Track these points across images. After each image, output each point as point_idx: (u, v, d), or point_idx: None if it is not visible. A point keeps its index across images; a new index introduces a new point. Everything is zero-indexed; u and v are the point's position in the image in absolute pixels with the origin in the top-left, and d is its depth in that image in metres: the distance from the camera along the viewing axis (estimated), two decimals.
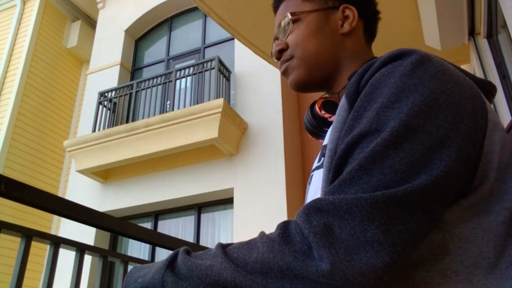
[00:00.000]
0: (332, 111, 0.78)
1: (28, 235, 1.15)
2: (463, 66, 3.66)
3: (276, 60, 0.81)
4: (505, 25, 2.02)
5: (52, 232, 6.73)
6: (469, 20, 2.44)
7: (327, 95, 0.81)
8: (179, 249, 0.57)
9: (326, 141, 0.70)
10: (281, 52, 0.78)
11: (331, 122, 0.74)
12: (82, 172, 6.00)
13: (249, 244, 0.52)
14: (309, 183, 0.72)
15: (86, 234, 5.15)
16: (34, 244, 1.16)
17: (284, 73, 0.79)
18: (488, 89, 0.66)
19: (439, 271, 0.50)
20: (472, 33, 2.55)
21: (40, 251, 5.76)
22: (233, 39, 5.30)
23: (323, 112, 0.79)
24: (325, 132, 0.76)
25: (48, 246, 1.25)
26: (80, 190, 6.30)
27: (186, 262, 0.53)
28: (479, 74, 2.52)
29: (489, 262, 0.51)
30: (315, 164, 0.71)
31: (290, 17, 0.77)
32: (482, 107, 0.56)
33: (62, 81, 8.00)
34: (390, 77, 0.54)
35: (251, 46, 2.91)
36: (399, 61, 0.56)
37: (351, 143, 0.53)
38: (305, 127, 0.84)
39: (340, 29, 0.76)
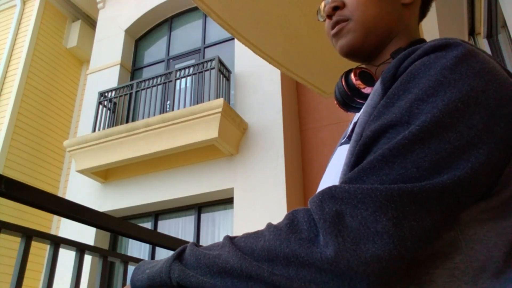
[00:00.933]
0: (368, 83, 0.74)
1: (28, 235, 1.15)
2: None
3: (323, 19, 0.76)
4: (505, 25, 2.02)
5: (52, 232, 6.73)
6: (469, 20, 2.44)
7: (363, 66, 0.77)
8: (187, 244, 0.58)
9: (356, 117, 0.69)
10: (335, 9, 0.73)
11: (364, 94, 0.72)
12: (82, 172, 6.00)
13: (256, 233, 0.52)
14: (332, 157, 0.71)
15: (86, 234, 5.15)
16: (34, 244, 1.16)
17: (336, 35, 0.73)
18: None
19: (448, 270, 0.49)
20: (472, 33, 2.55)
21: (40, 251, 5.76)
22: (233, 39, 5.30)
23: (358, 82, 0.74)
24: (357, 103, 0.73)
25: (48, 246, 1.25)
26: (80, 190, 6.30)
27: (194, 252, 0.54)
28: None
29: (497, 267, 0.50)
30: (341, 140, 0.70)
31: None
32: None
33: (62, 81, 8.00)
34: (430, 68, 0.52)
35: (251, 46, 2.91)
36: (443, 52, 0.53)
37: (378, 131, 0.51)
38: (335, 98, 0.78)
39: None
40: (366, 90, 0.73)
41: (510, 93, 0.53)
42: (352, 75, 0.74)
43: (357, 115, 0.69)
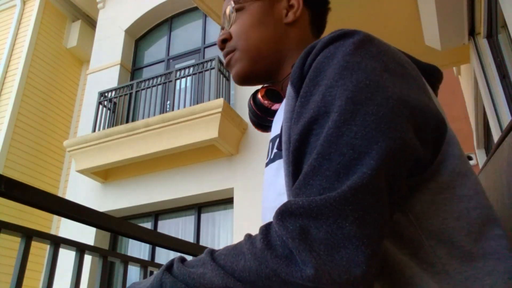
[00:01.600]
0: (275, 100, 0.75)
1: (28, 235, 1.15)
2: (463, 66, 3.66)
3: (221, 51, 0.78)
4: (505, 25, 2.02)
5: (52, 232, 6.73)
6: (469, 20, 2.44)
7: (268, 85, 0.78)
8: (174, 258, 0.58)
9: (273, 133, 0.69)
10: (224, 42, 0.76)
11: (274, 112, 0.73)
12: (82, 172, 6.00)
13: (236, 249, 0.51)
14: (264, 181, 0.70)
15: (86, 234, 5.15)
16: (34, 244, 1.16)
17: (228, 65, 0.76)
18: (433, 74, 0.66)
19: (416, 265, 0.50)
20: (472, 33, 2.55)
21: (40, 251, 5.76)
22: None
23: (266, 101, 0.75)
24: (270, 122, 0.74)
25: (48, 246, 1.24)
26: (80, 190, 6.30)
27: (181, 270, 0.54)
28: (479, 74, 2.52)
29: (463, 251, 0.50)
30: (266, 160, 0.69)
31: (233, 5, 0.74)
32: (424, 88, 0.56)
33: (62, 81, 8.00)
34: (333, 58, 0.53)
35: None
36: (341, 41, 0.54)
37: (304, 131, 0.51)
38: (250, 119, 0.80)
39: (284, 18, 0.73)
40: (275, 107, 0.74)
41: (410, 72, 0.55)
42: (259, 96, 0.76)
43: (273, 131, 0.68)
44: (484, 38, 2.38)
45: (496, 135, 2.47)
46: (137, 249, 5.98)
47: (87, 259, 1.40)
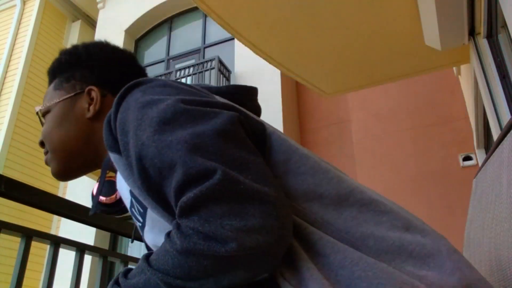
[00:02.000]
0: (111, 190, 0.78)
1: (28, 235, 1.14)
2: (463, 66, 3.66)
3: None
4: (505, 25, 2.02)
5: (52, 232, 6.73)
6: (469, 20, 2.44)
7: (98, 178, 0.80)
8: (120, 272, 0.61)
9: (129, 205, 0.70)
10: (42, 145, 0.79)
11: (120, 196, 0.76)
12: None
13: (162, 250, 0.53)
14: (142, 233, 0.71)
15: (86, 234, 5.15)
16: (34, 244, 1.16)
17: (48, 165, 0.78)
18: (242, 93, 0.71)
19: (307, 228, 0.54)
20: (472, 33, 2.55)
21: (40, 251, 5.76)
22: (233, 39, 5.29)
23: (106, 199, 0.79)
24: (122, 203, 0.77)
25: (48, 246, 1.24)
26: (80, 190, 6.30)
27: (125, 284, 0.56)
28: (479, 74, 2.52)
29: (332, 198, 0.56)
30: (141, 231, 0.70)
31: (40, 108, 0.78)
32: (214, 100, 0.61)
33: None
34: (128, 111, 0.58)
35: (251, 46, 2.91)
36: (129, 94, 0.61)
37: (140, 172, 0.55)
38: (108, 213, 0.84)
39: (86, 113, 0.75)
40: (118, 194, 0.77)
41: (197, 92, 0.62)
42: (99, 200, 0.80)
43: (127, 203, 0.70)
44: (484, 38, 2.38)
45: (496, 135, 2.47)
46: (137, 249, 5.98)
47: (87, 259, 1.40)
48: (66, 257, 2.29)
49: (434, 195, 4.01)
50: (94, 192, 0.78)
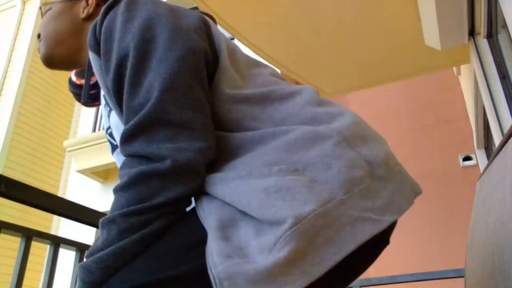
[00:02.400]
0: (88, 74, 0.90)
1: (28, 235, 1.15)
2: (463, 66, 3.66)
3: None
4: (505, 25, 2.02)
5: (52, 232, 6.73)
6: (469, 20, 2.44)
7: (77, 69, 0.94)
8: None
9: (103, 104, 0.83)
10: (39, 36, 0.92)
11: (91, 85, 0.88)
12: (82, 172, 6.00)
13: (112, 204, 0.61)
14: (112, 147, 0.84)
15: (86, 234, 5.15)
16: (34, 244, 1.16)
17: (39, 52, 0.92)
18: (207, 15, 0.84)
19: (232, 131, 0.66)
20: (472, 33, 2.56)
21: (40, 251, 5.76)
22: (233, 39, 5.29)
23: (80, 80, 0.92)
24: (94, 94, 0.89)
25: (48, 246, 1.25)
26: (80, 190, 6.30)
27: (88, 254, 0.61)
28: (479, 74, 2.52)
29: (256, 95, 0.68)
30: (112, 149, 0.85)
31: (41, 6, 0.93)
32: (195, 20, 0.71)
33: (62, 81, 8.00)
34: (115, 20, 0.68)
35: (251, 46, 2.91)
36: (116, 6, 0.70)
37: (115, 76, 0.65)
38: (82, 103, 0.94)
39: (81, 15, 0.89)
40: (92, 80, 0.89)
41: (171, 11, 0.70)
42: (73, 78, 0.94)
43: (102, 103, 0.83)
44: (484, 38, 2.38)
45: (496, 135, 2.47)
46: None
47: None
48: (66, 257, 2.29)
49: (434, 195, 4.01)
50: (73, 78, 0.93)
